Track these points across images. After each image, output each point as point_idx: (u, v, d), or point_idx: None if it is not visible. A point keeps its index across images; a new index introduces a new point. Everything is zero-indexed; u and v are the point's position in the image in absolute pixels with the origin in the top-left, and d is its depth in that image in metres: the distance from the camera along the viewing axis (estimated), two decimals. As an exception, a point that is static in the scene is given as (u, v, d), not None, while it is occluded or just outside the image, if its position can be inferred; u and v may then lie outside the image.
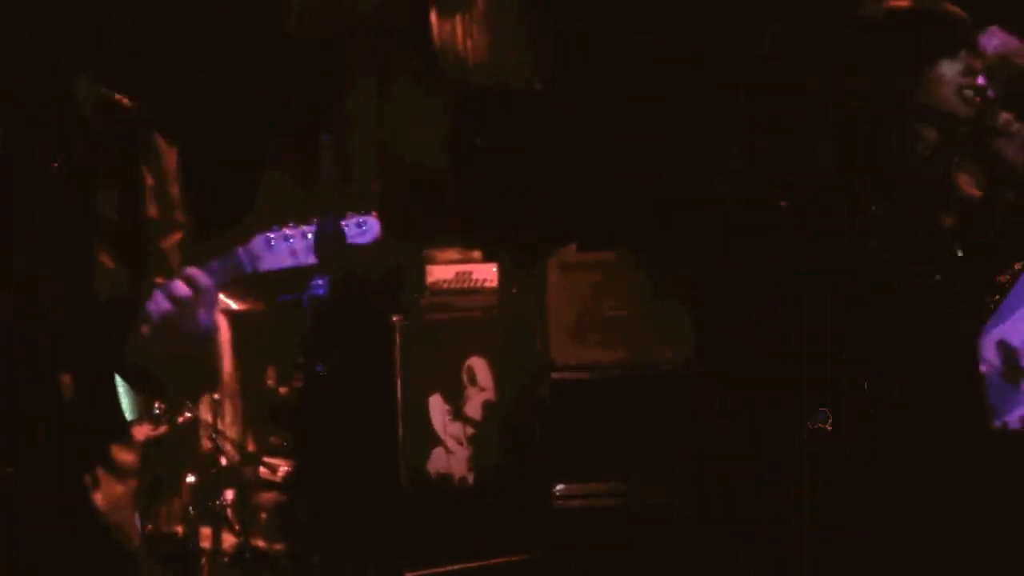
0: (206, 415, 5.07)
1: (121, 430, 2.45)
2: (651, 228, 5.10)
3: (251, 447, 5.24)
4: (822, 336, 3.29)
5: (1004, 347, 3.95)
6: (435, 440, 4.77)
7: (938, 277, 2.93)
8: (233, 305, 4.96)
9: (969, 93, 2.96)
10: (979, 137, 2.93)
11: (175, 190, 2.42)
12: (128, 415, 4.63)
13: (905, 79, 2.93)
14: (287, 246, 2.35)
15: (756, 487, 4.52)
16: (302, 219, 2.33)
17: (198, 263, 2.28)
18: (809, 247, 3.12)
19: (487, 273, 4.97)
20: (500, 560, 4.69)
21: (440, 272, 4.92)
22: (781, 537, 3.70)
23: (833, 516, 3.34)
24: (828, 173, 3.02)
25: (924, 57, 2.93)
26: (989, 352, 3.95)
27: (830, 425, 3.03)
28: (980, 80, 3.94)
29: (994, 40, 3.99)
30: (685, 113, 5.04)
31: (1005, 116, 2.99)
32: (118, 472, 2.37)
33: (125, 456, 2.39)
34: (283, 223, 2.33)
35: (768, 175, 3.86)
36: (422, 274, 4.91)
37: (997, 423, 3.90)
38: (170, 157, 2.40)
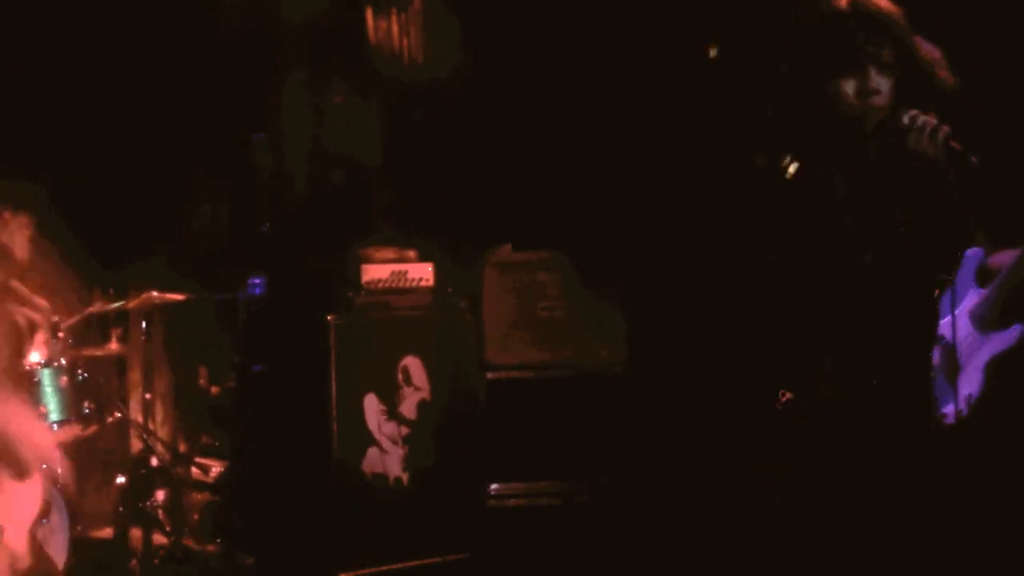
0: (137, 415, 5.07)
1: None
2: (586, 228, 5.12)
3: (183, 447, 5.25)
4: (758, 333, 3.36)
5: (942, 343, 4.03)
6: (370, 440, 4.73)
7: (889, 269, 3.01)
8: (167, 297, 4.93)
9: (878, 89, 3.02)
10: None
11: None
12: (56, 415, 4.58)
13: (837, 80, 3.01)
14: None
15: (693, 484, 4.56)
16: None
17: None
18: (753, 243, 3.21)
19: (423, 272, 4.95)
20: (435, 560, 4.67)
21: (375, 271, 4.89)
22: (716, 532, 3.74)
23: (773, 511, 3.40)
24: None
25: (857, 60, 3.00)
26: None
27: (787, 400, 3.08)
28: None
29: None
30: (621, 113, 5.07)
31: (910, 112, 3.03)
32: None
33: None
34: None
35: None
36: (357, 273, 4.88)
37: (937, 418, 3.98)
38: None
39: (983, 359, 4.03)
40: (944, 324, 4.06)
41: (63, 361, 4.56)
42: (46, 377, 4.51)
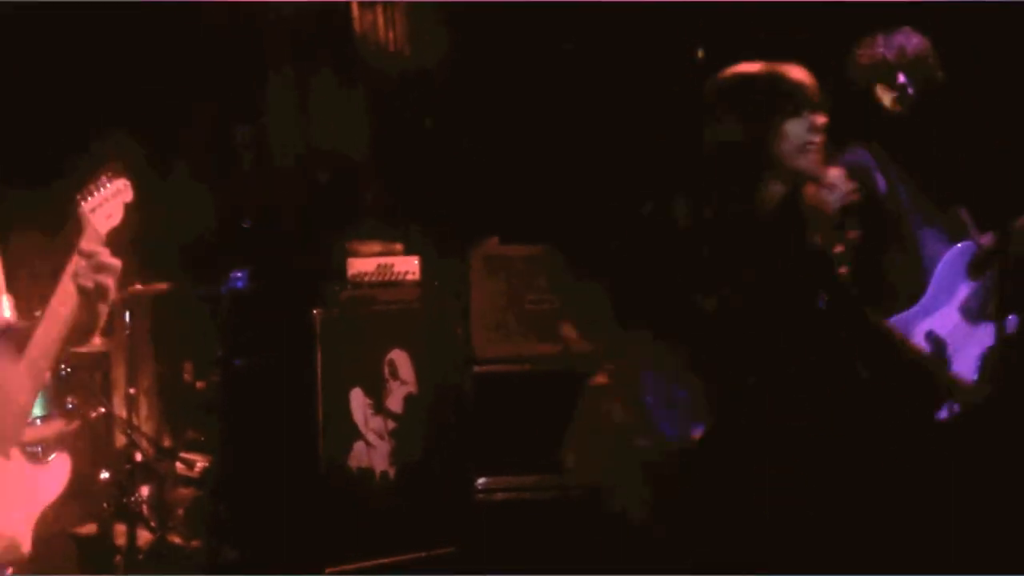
0: (121, 410, 5.07)
1: None
2: (574, 221, 5.14)
3: (167, 442, 5.25)
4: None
5: (932, 338, 4.05)
6: (356, 434, 4.74)
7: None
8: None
9: (810, 149, 3.29)
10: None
11: None
12: (38, 410, 4.57)
13: (756, 136, 3.27)
14: None
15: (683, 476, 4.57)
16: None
17: None
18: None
19: (409, 266, 4.96)
20: (422, 554, 4.70)
21: (361, 265, 4.90)
22: (705, 523, 3.75)
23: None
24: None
25: (773, 116, 3.27)
26: (919, 343, 4.06)
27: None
28: (900, 78, 4.08)
29: (913, 40, 4.10)
30: (610, 108, 5.09)
31: (833, 171, 3.32)
32: None
33: None
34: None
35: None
36: (343, 267, 4.88)
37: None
38: None
39: (974, 352, 4.06)
40: (935, 318, 4.11)
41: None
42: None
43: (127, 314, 4.99)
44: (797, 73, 3.31)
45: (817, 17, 4.37)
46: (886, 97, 4.11)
